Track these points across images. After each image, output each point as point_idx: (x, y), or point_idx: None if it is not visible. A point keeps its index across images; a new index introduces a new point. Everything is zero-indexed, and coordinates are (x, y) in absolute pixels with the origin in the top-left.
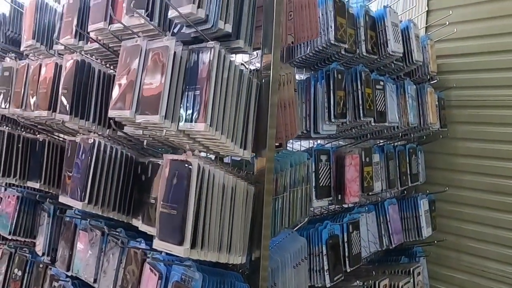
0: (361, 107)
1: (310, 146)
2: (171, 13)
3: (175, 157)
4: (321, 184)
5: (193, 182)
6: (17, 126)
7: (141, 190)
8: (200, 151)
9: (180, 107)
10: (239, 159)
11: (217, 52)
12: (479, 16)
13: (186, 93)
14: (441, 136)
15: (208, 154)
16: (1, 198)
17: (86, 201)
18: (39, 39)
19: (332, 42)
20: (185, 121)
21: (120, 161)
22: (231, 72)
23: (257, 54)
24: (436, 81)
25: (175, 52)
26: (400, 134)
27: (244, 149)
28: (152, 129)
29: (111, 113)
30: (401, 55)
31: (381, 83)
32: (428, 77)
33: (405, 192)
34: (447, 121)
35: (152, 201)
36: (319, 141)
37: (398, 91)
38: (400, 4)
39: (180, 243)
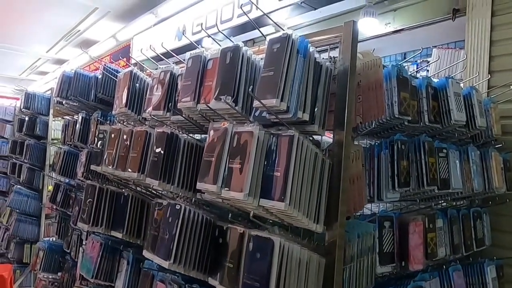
0: (424, 176)
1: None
2: (256, 103)
3: (259, 233)
4: (384, 251)
5: (275, 258)
6: (100, 179)
7: (218, 252)
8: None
9: (261, 185)
10: None
11: (296, 139)
12: None
13: (266, 173)
14: (508, 200)
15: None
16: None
17: (172, 261)
18: (131, 106)
19: (396, 116)
20: (265, 198)
21: (201, 224)
22: (307, 155)
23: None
24: (501, 144)
25: (258, 136)
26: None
27: (317, 223)
28: (233, 202)
29: (199, 185)
30: (464, 123)
31: (444, 150)
32: (492, 140)
33: (471, 258)
34: None
35: (230, 265)
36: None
37: (461, 157)
38: (459, 66)
39: None
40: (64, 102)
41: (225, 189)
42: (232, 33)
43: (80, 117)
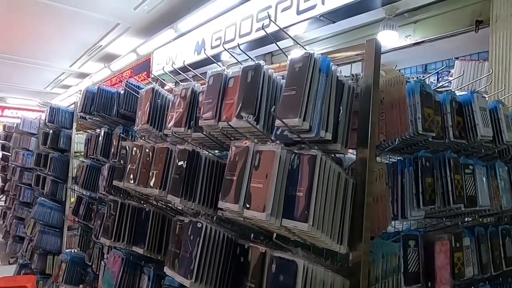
0: (450, 193)
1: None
2: (278, 123)
3: (282, 255)
4: (409, 270)
5: (298, 281)
6: (122, 194)
7: (239, 271)
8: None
9: (283, 205)
10: None
11: (319, 159)
12: None
13: (289, 192)
14: None
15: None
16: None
17: (193, 279)
18: (152, 123)
19: (420, 132)
20: (288, 218)
21: (222, 243)
22: (330, 175)
23: None
24: None
25: (280, 156)
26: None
27: (341, 244)
28: (255, 221)
29: (221, 204)
30: (491, 138)
31: (470, 167)
32: None
33: (500, 278)
34: None
35: (251, 285)
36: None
37: (488, 173)
38: (483, 81)
39: None
40: (87, 117)
41: (247, 208)
42: (250, 46)
43: (102, 132)
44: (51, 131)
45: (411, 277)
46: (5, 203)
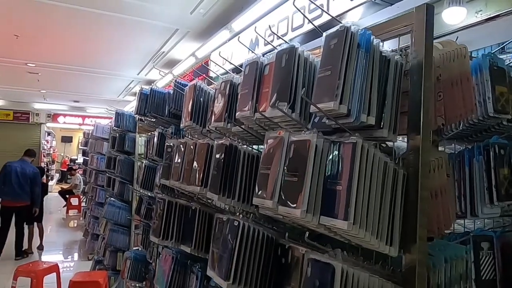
0: None
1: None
2: (313, 108)
3: (318, 257)
4: (483, 278)
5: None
6: (171, 193)
7: (280, 273)
8: None
9: (321, 201)
10: None
11: (360, 147)
12: None
13: (327, 186)
14: None
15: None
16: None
17: (231, 281)
18: (195, 119)
19: (491, 115)
20: (326, 215)
21: (262, 242)
22: (375, 165)
23: None
24: None
25: (316, 145)
26: None
27: (390, 245)
28: (292, 218)
29: (255, 200)
30: None
31: None
32: None
33: None
34: None
35: None
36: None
37: None
38: None
39: None
40: (143, 118)
41: (282, 204)
42: (303, 39)
43: (157, 133)
44: (117, 135)
45: (486, 285)
46: (85, 203)
